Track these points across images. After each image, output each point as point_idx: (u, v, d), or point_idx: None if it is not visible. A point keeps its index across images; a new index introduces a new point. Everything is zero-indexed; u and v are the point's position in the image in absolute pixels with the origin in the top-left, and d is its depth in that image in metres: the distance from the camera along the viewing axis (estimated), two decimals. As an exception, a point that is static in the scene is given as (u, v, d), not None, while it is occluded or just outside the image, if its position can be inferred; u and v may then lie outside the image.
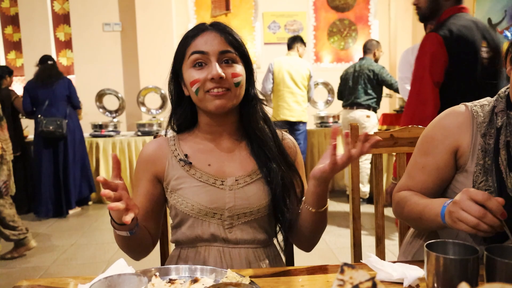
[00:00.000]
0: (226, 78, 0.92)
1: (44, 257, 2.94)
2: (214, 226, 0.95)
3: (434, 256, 0.66)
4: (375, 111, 4.03)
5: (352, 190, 1.34)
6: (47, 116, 3.87)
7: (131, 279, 0.67)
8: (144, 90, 4.98)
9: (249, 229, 0.97)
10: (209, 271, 0.78)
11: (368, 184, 4.12)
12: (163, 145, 1.03)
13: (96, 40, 5.61)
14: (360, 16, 5.96)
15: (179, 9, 5.60)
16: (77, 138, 4.14)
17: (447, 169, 0.98)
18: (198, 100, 0.96)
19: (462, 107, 0.98)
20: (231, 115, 1.00)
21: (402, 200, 1.01)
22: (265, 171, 0.97)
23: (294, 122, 4.02)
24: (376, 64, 3.97)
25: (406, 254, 1.13)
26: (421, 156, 1.02)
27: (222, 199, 0.95)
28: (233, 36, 0.96)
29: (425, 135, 1.03)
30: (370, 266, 0.82)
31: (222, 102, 0.93)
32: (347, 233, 3.25)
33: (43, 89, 3.91)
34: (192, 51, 0.94)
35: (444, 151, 0.97)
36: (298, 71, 4.00)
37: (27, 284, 0.80)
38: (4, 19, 5.77)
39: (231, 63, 0.95)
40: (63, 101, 4.00)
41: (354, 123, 1.35)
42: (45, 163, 3.96)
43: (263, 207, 0.97)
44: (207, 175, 0.97)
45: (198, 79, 0.92)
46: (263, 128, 1.01)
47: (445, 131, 0.97)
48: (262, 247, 1.00)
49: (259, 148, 0.99)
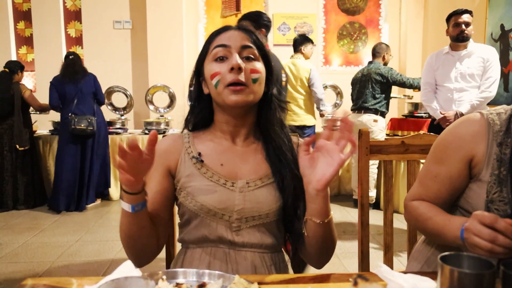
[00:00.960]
0: (245, 72, 0.93)
1: (48, 253, 2.95)
2: (222, 227, 0.94)
3: (448, 269, 0.64)
4: (383, 115, 3.99)
5: (361, 196, 1.33)
6: (78, 114, 3.94)
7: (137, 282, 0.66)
8: (152, 88, 4.99)
9: (256, 233, 0.95)
10: (217, 276, 0.77)
11: (374, 189, 4.10)
12: (177, 140, 1.03)
13: (106, 37, 5.64)
14: (370, 19, 5.93)
15: (189, 9, 5.61)
16: (102, 135, 4.20)
17: (461, 178, 0.96)
18: (216, 93, 0.95)
19: (478, 115, 0.95)
20: (248, 116, 1.00)
21: (416, 213, 0.99)
22: (278, 176, 0.96)
23: (298, 126, 3.91)
24: (384, 67, 3.93)
25: (416, 262, 1.11)
26: (434, 165, 1.00)
27: (232, 200, 0.94)
28: (256, 36, 0.99)
29: (439, 143, 1.00)
30: (380, 276, 0.80)
31: (239, 97, 0.92)
32: (353, 238, 3.23)
33: (70, 85, 3.96)
34: (215, 45, 0.96)
35: (458, 160, 0.95)
36: (297, 76, 3.89)
37: (32, 283, 0.79)
38: (16, 14, 5.82)
39: (251, 59, 0.96)
40: (89, 98, 4.07)
41: (365, 128, 1.33)
42: (69, 158, 4.01)
43: (272, 212, 0.95)
44: (218, 175, 0.96)
45: (219, 71, 0.93)
46: (279, 132, 1.01)
47: (459, 140, 0.95)
48: (269, 253, 0.98)
49: (274, 152, 0.98)
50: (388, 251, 1.32)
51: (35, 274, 2.57)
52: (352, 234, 3.32)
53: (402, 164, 3.68)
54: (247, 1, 5.71)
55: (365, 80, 3.94)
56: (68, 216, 3.94)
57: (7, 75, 4.08)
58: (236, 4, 5.68)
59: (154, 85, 5.03)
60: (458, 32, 3.00)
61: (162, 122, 4.67)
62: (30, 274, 2.56)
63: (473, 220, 0.77)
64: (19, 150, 4.08)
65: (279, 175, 0.96)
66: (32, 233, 3.41)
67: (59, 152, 4.11)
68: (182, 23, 5.40)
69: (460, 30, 2.99)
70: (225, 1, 5.70)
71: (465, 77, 3.03)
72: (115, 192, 4.50)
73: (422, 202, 1.01)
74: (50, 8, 5.58)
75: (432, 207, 0.98)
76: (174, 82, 5.13)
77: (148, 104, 5.02)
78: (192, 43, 5.65)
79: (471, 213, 0.96)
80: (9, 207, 4.10)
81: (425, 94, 3.24)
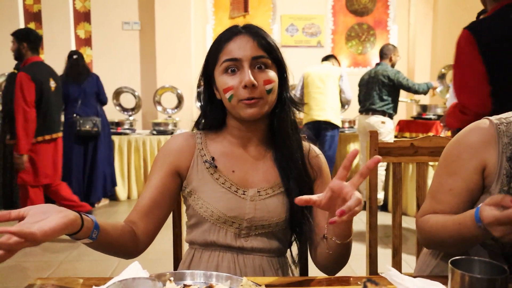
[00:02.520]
0: (258, 85, 0.90)
1: (57, 252, 2.97)
2: (231, 234, 0.94)
3: (459, 274, 0.63)
4: (391, 117, 3.97)
5: (369, 198, 1.32)
6: (82, 116, 3.97)
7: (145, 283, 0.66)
8: (160, 89, 5.02)
9: (265, 239, 0.95)
10: (224, 278, 0.77)
11: (382, 191, 4.07)
12: (190, 140, 1.00)
13: (115, 38, 5.67)
14: (379, 20, 5.90)
15: (197, 10, 5.62)
16: (106, 135, 4.23)
17: (477, 188, 0.91)
18: (231, 106, 0.94)
19: (486, 122, 0.91)
20: (261, 122, 0.98)
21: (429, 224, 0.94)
22: (287, 184, 0.95)
23: (322, 123, 3.97)
24: (391, 69, 3.91)
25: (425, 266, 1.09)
26: (447, 177, 0.94)
27: (242, 209, 0.93)
28: (266, 40, 0.94)
29: (449, 154, 0.95)
30: (389, 279, 0.79)
31: (254, 110, 0.91)
32: (361, 240, 3.20)
33: (73, 86, 3.98)
34: (225, 58, 0.92)
35: (472, 170, 0.90)
36: (327, 73, 4.04)
37: (40, 283, 0.80)
38: (27, 15, 5.87)
39: (263, 68, 0.92)
40: (92, 98, 4.08)
41: (374, 130, 1.32)
42: (75, 158, 4.05)
43: (282, 221, 0.95)
44: (230, 182, 0.95)
45: (232, 86, 0.91)
46: (291, 134, 0.98)
47: (471, 150, 0.90)
48: (276, 256, 0.98)
49: (284, 159, 0.97)
50: (396, 254, 1.31)
51: (44, 273, 2.58)
52: (359, 236, 3.29)
53: (410, 166, 3.65)
54: (255, 2, 5.71)
55: (372, 82, 3.93)
56: (76, 215, 3.96)
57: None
58: (244, 5, 5.68)
59: (162, 86, 5.06)
60: None
61: (170, 123, 4.69)
62: (39, 274, 2.58)
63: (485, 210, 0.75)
64: (29, 150, 4.11)
65: (288, 181, 0.95)
66: (40, 232, 3.44)
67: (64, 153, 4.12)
68: (190, 25, 5.42)
69: None
70: (233, 2, 5.70)
71: None
72: (122, 192, 4.52)
73: (431, 215, 0.96)
74: (60, 9, 5.63)
75: (441, 216, 0.93)
76: (182, 83, 5.15)
77: (156, 105, 5.05)
78: (200, 44, 5.66)
79: None
80: (19, 207, 4.13)
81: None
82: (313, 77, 4.04)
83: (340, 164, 4.26)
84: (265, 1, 5.74)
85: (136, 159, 4.51)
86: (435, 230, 0.92)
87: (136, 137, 4.51)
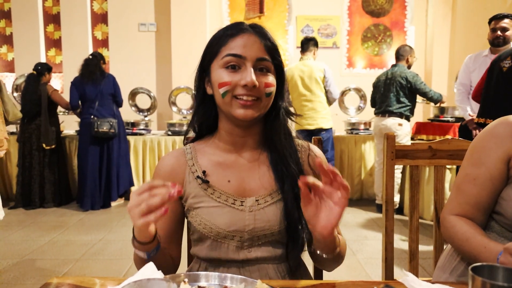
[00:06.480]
0: (259, 87, 0.87)
1: (73, 250, 3.01)
2: (233, 247, 0.91)
3: (480, 281, 0.61)
4: (408, 119, 3.91)
5: (385, 201, 1.30)
6: (99, 117, 4.03)
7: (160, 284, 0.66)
8: (176, 90, 5.05)
9: (269, 247, 0.92)
10: (239, 281, 0.77)
11: (398, 194, 4.01)
12: (179, 158, 0.97)
13: (132, 39, 5.74)
14: (396, 21, 5.83)
15: (213, 12, 5.65)
16: (122, 135, 4.29)
17: (501, 179, 0.92)
18: (223, 103, 0.89)
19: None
20: (255, 126, 0.94)
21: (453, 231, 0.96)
22: (283, 187, 0.92)
23: (314, 130, 3.85)
24: (409, 72, 3.85)
25: (441, 272, 1.07)
26: (472, 167, 0.96)
27: (242, 221, 0.90)
28: (272, 43, 0.91)
29: (475, 146, 0.98)
30: (407, 285, 0.77)
31: (249, 112, 0.87)
32: (375, 243, 3.17)
33: (90, 86, 4.04)
34: (228, 52, 0.88)
35: (497, 159, 0.92)
36: (311, 76, 3.82)
37: (57, 282, 0.80)
38: (46, 17, 5.99)
39: (265, 71, 0.89)
40: (109, 99, 4.15)
41: (390, 132, 1.30)
42: (91, 158, 4.12)
43: (284, 228, 0.91)
44: (226, 195, 0.92)
45: (229, 82, 0.87)
46: (285, 142, 0.95)
47: (497, 139, 0.93)
48: (282, 262, 0.95)
49: (278, 164, 0.93)
50: (413, 258, 1.28)
51: (60, 271, 2.62)
52: (374, 240, 3.25)
53: (427, 169, 3.59)
54: (271, 3, 5.71)
55: (389, 83, 3.87)
56: (93, 214, 4.02)
57: (35, 77, 4.19)
58: (259, 6, 5.68)
59: (177, 87, 5.09)
60: (494, 38, 3.09)
61: (185, 123, 4.71)
62: (55, 272, 2.61)
63: (506, 253, 0.78)
64: (46, 149, 4.19)
65: (283, 185, 0.92)
66: (58, 231, 3.49)
67: (81, 153, 4.20)
68: (206, 26, 5.45)
69: (496, 36, 3.09)
70: (249, 3, 5.71)
71: None
72: (137, 192, 4.57)
73: (459, 219, 0.97)
74: (78, 11, 5.73)
75: (469, 226, 0.94)
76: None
77: (171, 106, 5.08)
78: (215, 45, 5.69)
79: (503, 216, 0.92)
80: (37, 205, 4.22)
81: (459, 95, 3.35)
82: (296, 80, 3.84)
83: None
84: (281, 2, 5.74)
85: (151, 159, 4.55)
86: (458, 240, 0.95)
87: (152, 137, 4.54)
